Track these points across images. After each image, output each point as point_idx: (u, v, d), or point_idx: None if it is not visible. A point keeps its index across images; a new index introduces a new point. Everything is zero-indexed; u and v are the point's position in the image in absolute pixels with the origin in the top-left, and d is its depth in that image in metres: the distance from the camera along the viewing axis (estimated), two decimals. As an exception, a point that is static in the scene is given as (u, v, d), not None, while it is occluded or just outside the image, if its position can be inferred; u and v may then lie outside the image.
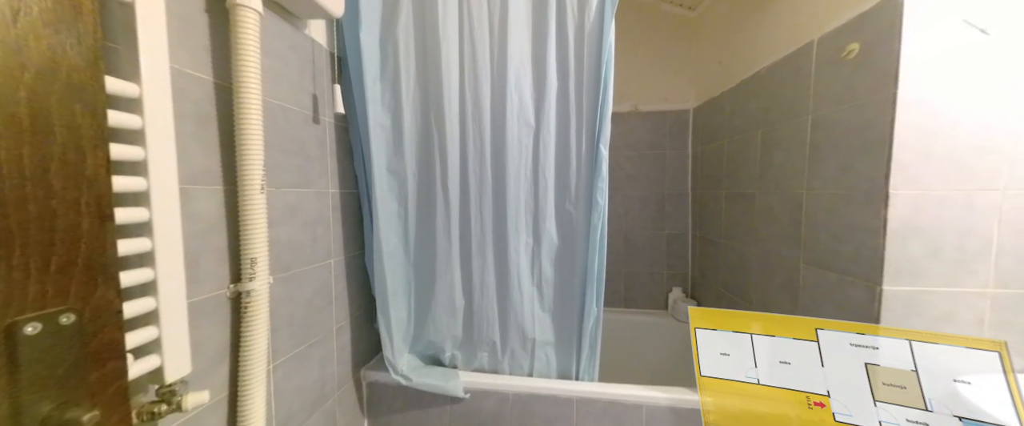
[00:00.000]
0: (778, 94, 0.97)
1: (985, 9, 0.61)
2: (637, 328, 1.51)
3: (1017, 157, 0.62)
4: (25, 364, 0.23)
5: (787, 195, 0.93)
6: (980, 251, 0.63)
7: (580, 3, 0.87)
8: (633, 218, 1.59)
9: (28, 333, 0.22)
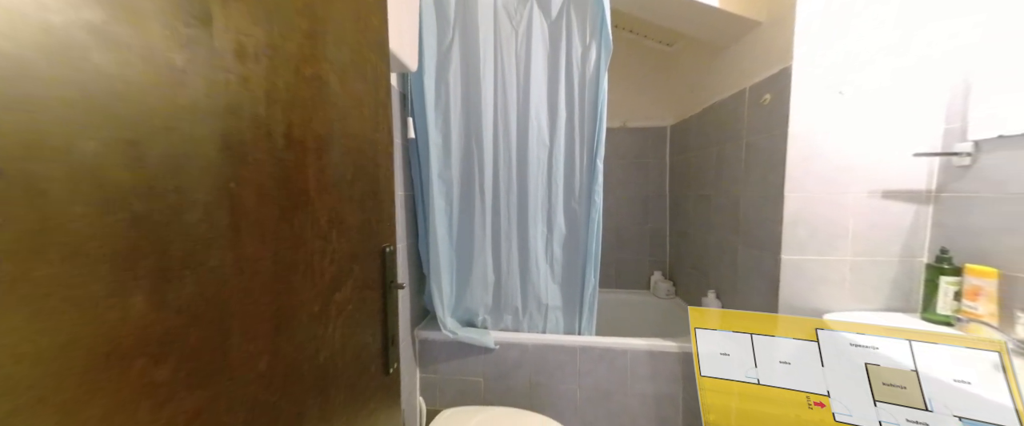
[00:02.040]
0: (726, 122, 1.32)
1: (840, 78, 0.96)
2: (626, 304, 1.85)
3: (862, 174, 0.97)
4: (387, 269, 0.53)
5: (731, 197, 1.28)
6: (840, 234, 0.98)
7: (582, 60, 1.21)
8: (623, 215, 1.93)
9: (387, 251, 0.53)
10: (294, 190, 0.33)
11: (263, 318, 0.30)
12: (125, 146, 0.21)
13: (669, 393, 1.23)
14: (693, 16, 1.25)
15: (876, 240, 0.98)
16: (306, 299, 0.35)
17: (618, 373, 1.25)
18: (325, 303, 0.38)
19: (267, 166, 0.29)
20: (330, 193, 0.37)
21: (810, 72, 0.98)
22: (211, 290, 0.25)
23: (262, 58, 0.29)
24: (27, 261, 0.17)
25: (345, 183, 0.41)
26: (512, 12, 1.22)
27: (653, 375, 1.23)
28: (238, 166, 0.26)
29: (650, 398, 1.24)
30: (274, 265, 0.31)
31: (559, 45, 1.22)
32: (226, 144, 0.26)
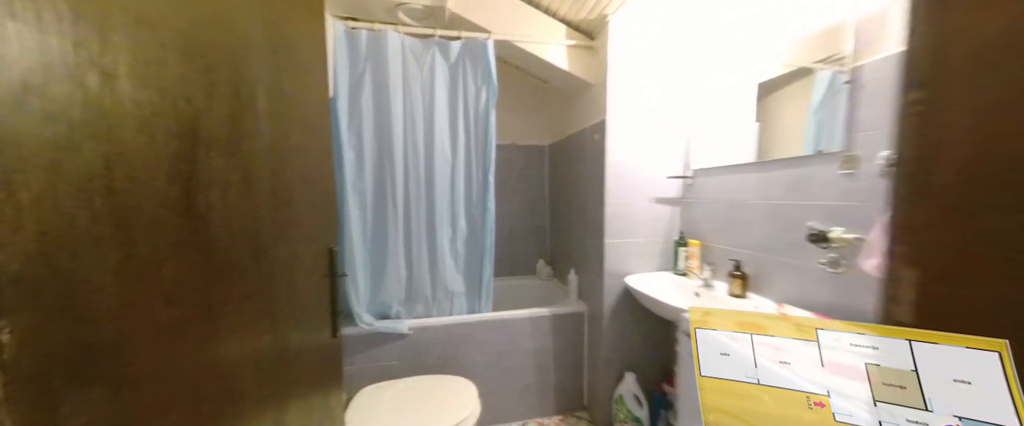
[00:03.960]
0: (579, 149, 1.84)
1: (632, 128, 1.53)
2: (517, 287, 2.29)
3: (645, 188, 1.56)
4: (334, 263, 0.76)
5: (582, 202, 1.81)
6: (635, 225, 1.56)
7: (476, 98, 1.56)
8: (515, 216, 2.37)
9: (333, 250, 0.76)
10: (293, 206, 0.57)
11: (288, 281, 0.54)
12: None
13: (543, 346, 1.69)
14: (553, 72, 1.73)
15: (653, 228, 1.59)
16: (302, 279, 0.59)
17: (509, 338, 1.65)
18: (308, 283, 0.62)
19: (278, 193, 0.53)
20: (311, 206, 0.61)
21: (617, 124, 1.53)
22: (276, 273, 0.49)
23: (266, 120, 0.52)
24: None
25: (315, 199, 0.65)
26: (418, 54, 1.49)
27: (532, 335, 1.67)
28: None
29: (530, 352, 1.67)
30: (292, 259, 0.55)
31: (458, 84, 1.54)
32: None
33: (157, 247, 0.29)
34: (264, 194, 0.49)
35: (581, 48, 1.67)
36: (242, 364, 0.43)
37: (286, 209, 0.57)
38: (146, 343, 0.28)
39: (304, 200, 0.63)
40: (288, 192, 0.57)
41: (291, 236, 0.59)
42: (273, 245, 0.52)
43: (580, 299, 1.83)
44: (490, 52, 1.52)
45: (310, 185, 0.67)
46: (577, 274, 1.86)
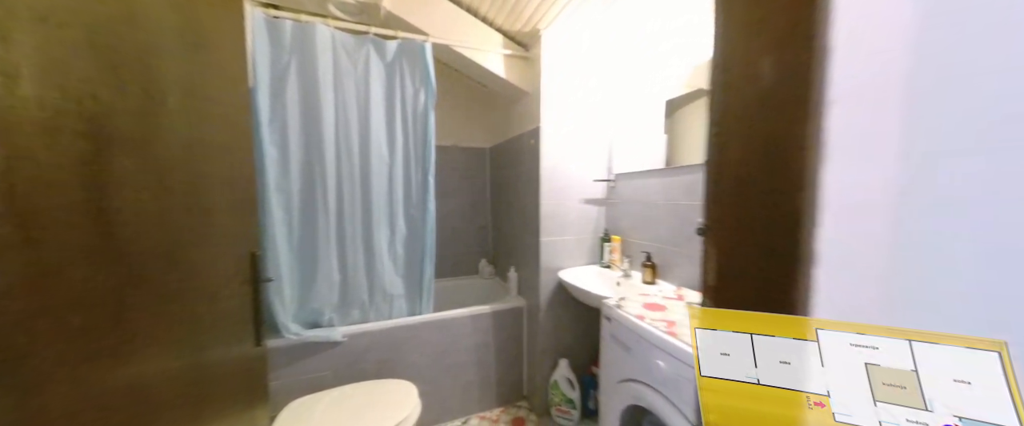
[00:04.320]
0: (518, 152, 1.94)
1: (563, 134, 1.67)
2: (460, 287, 2.32)
3: (576, 190, 1.72)
4: (256, 268, 0.71)
5: (521, 203, 1.91)
6: (567, 224, 1.71)
7: (414, 99, 1.56)
8: (458, 216, 2.39)
9: (256, 254, 0.71)
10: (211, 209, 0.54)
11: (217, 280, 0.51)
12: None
13: (485, 342, 1.74)
14: (492, 79, 1.80)
15: (582, 226, 1.75)
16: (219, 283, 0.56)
17: (450, 336, 1.67)
18: (228, 289, 0.59)
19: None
20: (231, 208, 0.59)
21: (550, 130, 1.65)
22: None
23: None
24: None
25: (236, 200, 0.62)
26: (351, 50, 1.44)
27: (474, 332, 1.72)
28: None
29: (472, 349, 1.72)
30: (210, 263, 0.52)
31: (395, 84, 1.53)
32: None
33: (65, 251, 0.28)
34: (178, 195, 0.47)
35: (517, 58, 1.77)
36: (156, 374, 0.41)
37: (203, 211, 0.54)
38: (53, 350, 0.27)
39: (224, 201, 0.60)
40: (205, 193, 0.54)
41: (209, 239, 0.56)
42: (189, 249, 0.50)
43: (520, 295, 1.92)
44: (428, 54, 1.53)
45: (229, 185, 0.64)
46: (517, 271, 1.96)
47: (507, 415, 1.75)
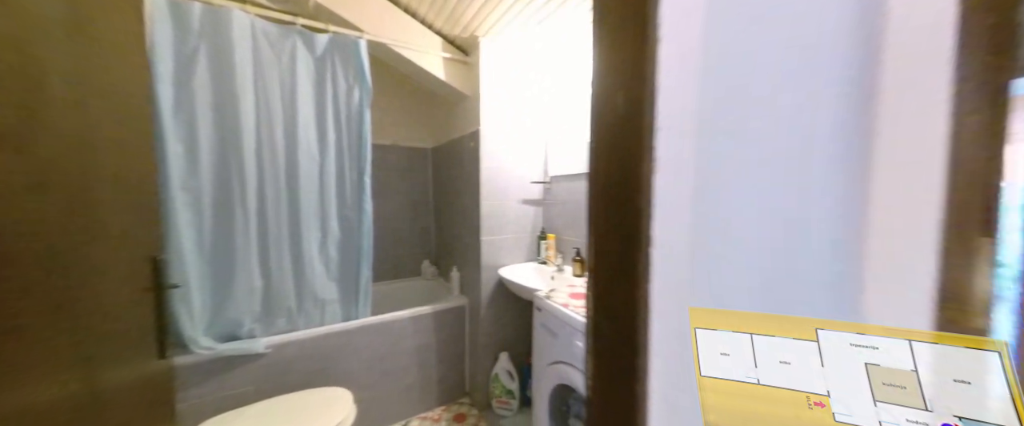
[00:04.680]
0: (459, 154, 1.98)
1: (504, 139, 1.75)
2: (402, 289, 2.27)
3: (515, 191, 1.81)
4: (160, 274, 0.64)
5: (463, 203, 1.94)
6: (506, 223, 1.79)
7: (347, 96, 1.50)
8: (399, 217, 2.34)
9: (159, 260, 0.64)
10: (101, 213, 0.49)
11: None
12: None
13: (426, 343, 1.75)
14: (432, 80, 1.81)
15: (521, 225, 1.85)
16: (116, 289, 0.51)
17: (390, 339, 1.64)
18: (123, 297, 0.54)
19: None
20: (127, 208, 0.54)
21: (489, 133, 1.72)
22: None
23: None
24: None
25: (132, 200, 0.56)
26: (274, 40, 1.35)
27: (415, 333, 1.71)
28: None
29: (413, 351, 1.71)
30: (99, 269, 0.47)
31: (325, 79, 1.46)
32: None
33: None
34: (60, 194, 0.43)
35: (458, 62, 1.80)
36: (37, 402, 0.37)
37: (90, 211, 0.49)
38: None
39: (118, 201, 0.55)
40: (95, 191, 0.50)
41: (98, 243, 0.51)
42: (73, 254, 0.46)
43: (462, 294, 1.96)
44: (362, 51, 1.50)
45: (124, 184, 0.58)
46: (459, 271, 1.98)
47: (448, 413, 1.78)
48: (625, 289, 0.42)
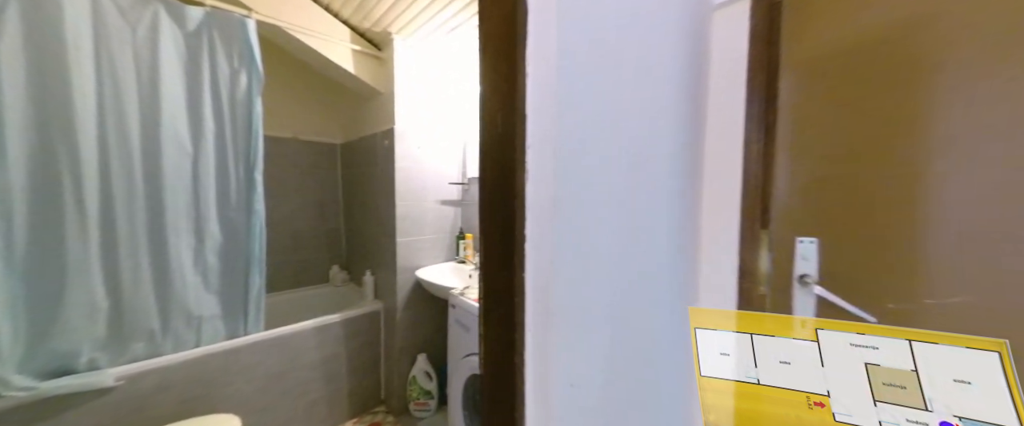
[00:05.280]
0: (373, 151, 1.88)
1: (420, 138, 1.73)
2: (307, 298, 2.06)
3: (433, 192, 1.80)
4: None
5: (376, 203, 1.86)
6: (425, 224, 1.78)
7: (231, 81, 1.32)
8: (300, 218, 2.11)
9: None
10: None
11: None
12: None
13: (334, 353, 1.63)
14: (339, 73, 1.69)
15: (440, 226, 1.85)
16: None
17: (289, 354, 1.49)
18: None
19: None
20: None
21: (404, 132, 1.68)
22: None
23: None
24: None
25: None
26: (126, 9, 1.11)
27: (319, 344, 1.58)
28: None
29: (319, 363, 1.57)
30: None
31: (201, 60, 1.26)
32: None
33: None
34: None
35: (369, 56, 1.72)
36: None
37: None
38: None
39: None
40: None
41: None
42: None
43: (377, 298, 1.87)
44: (250, 32, 1.33)
45: None
46: (373, 274, 1.89)
47: (362, 424, 1.68)
48: (506, 277, 0.49)
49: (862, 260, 0.66)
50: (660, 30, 0.67)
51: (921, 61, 0.58)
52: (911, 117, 0.61)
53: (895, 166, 0.63)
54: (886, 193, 0.65)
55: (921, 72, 0.59)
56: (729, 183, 0.90)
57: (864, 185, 0.67)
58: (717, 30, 0.97)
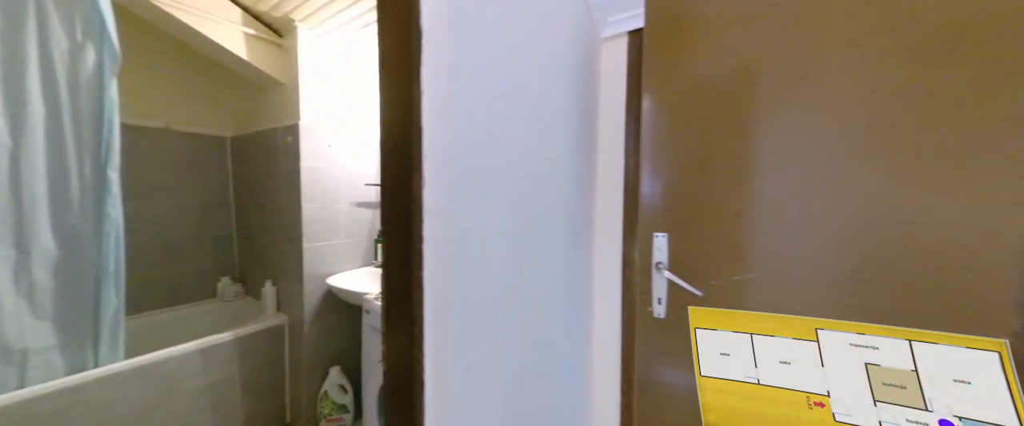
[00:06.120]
0: (272, 147, 1.70)
1: (330, 135, 1.63)
2: (189, 319, 1.76)
3: (346, 193, 1.70)
4: None
5: (278, 205, 1.68)
6: (338, 227, 1.67)
7: (72, 58, 1.07)
8: (175, 224, 1.79)
9: None
10: None
11: None
12: None
13: (225, 377, 1.43)
14: (228, 58, 1.49)
15: (356, 229, 1.76)
16: None
17: (159, 385, 1.26)
18: None
19: None
20: None
21: (312, 128, 1.56)
22: None
23: None
24: None
25: None
26: None
27: (204, 369, 1.37)
28: None
29: (202, 390, 1.37)
30: None
31: (24, 28, 1.00)
32: None
33: None
34: None
35: (267, 42, 1.55)
36: None
37: None
38: None
39: None
40: None
41: None
42: None
43: (280, 311, 1.69)
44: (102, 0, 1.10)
45: None
46: (275, 285, 1.71)
47: (261, 453, 1.51)
48: (405, 276, 0.52)
49: (696, 249, 0.85)
50: (554, 57, 0.77)
51: (743, 96, 0.79)
52: (732, 138, 0.82)
53: (720, 176, 0.84)
54: (711, 197, 0.85)
55: (742, 104, 0.80)
56: (616, 190, 1.07)
57: (698, 191, 0.86)
58: (604, 60, 1.13)
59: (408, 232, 0.50)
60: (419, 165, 0.48)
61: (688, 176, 0.84)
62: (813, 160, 0.74)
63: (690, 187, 0.84)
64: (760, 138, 0.77)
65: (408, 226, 0.50)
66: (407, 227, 0.50)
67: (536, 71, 0.72)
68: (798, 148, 0.74)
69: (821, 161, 0.74)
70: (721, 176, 0.81)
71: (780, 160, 0.75)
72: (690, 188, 0.84)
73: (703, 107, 0.83)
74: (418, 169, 0.48)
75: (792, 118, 0.74)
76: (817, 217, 0.73)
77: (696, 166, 0.83)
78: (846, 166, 0.70)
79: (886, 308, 0.55)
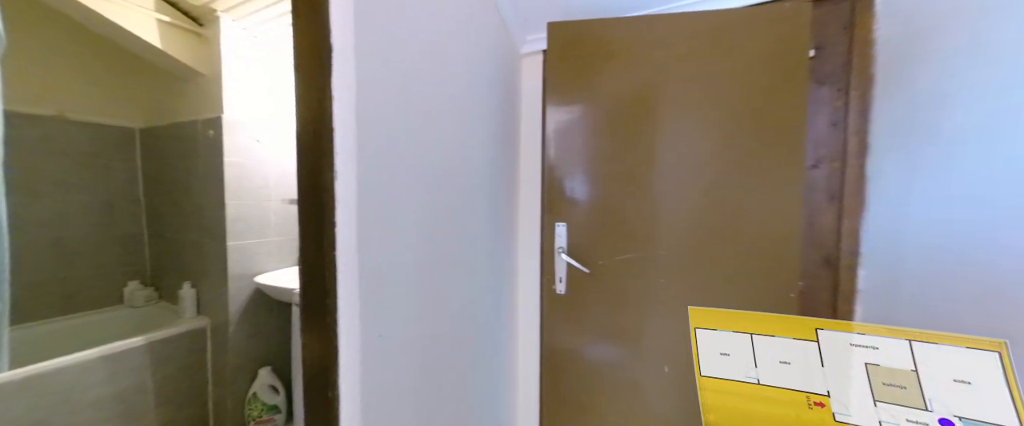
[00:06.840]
0: (190, 141, 1.60)
1: (258, 130, 1.59)
2: (91, 327, 1.59)
3: (277, 190, 1.66)
4: None
5: (197, 203, 1.59)
6: (268, 225, 1.63)
7: (-65, 35, 0.96)
8: (71, 224, 1.61)
9: None
10: None
11: None
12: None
13: (134, 385, 1.34)
14: (137, 44, 1.40)
15: (289, 227, 1.73)
16: None
17: (53, 397, 1.16)
18: None
19: None
20: None
21: (238, 123, 1.51)
22: None
23: None
24: None
25: None
26: None
27: (110, 378, 1.28)
28: None
29: (107, 401, 1.27)
30: None
31: None
32: None
33: None
34: None
35: (184, 30, 1.48)
36: None
37: None
38: None
39: None
40: None
41: None
42: None
43: (201, 314, 1.60)
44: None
45: None
46: (195, 287, 1.61)
47: (179, 463, 1.43)
48: (319, 255, 0.60)
49: (587, 235, 1.02)
50: (471, 68, 0.88)
51: (620, 113, 0.97)
52: (613, 145, 1.01)
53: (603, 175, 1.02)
54: (597, 193, 1.02)
55: (620, 119, 0.99)
56: (535, 187, 1.22)
57: (587, 188, 1.03)
58: (524, 73, 1.27)
59: (320, 218, 0.58)
60: (330, 160, 0.56)
61: (578, 175, 1.01)
62: (670, 167, 0.95)
63: (581, 184, 1.01)
64: (634, 146, 0.96)
65: (320, 213, 0.58)
66: (320, 214, 0.58)
67: (453, 80, 0.82)
68: (665, 155, 0.96)
69: (675, 167, 0.95)
70: (604, 176, 0.99)
71: (653, 165, 0.95)
72: (581, 185, 1.01)
73: (589, 119, 1.00)
74: (330, 164, 0.56)
75: (660, 137, 0.95)
76: (675, 210, 0.94)
77: (585, 167, 1.00)
78: (692, 174, 0.93)
79: (725, 273, 0.86)
